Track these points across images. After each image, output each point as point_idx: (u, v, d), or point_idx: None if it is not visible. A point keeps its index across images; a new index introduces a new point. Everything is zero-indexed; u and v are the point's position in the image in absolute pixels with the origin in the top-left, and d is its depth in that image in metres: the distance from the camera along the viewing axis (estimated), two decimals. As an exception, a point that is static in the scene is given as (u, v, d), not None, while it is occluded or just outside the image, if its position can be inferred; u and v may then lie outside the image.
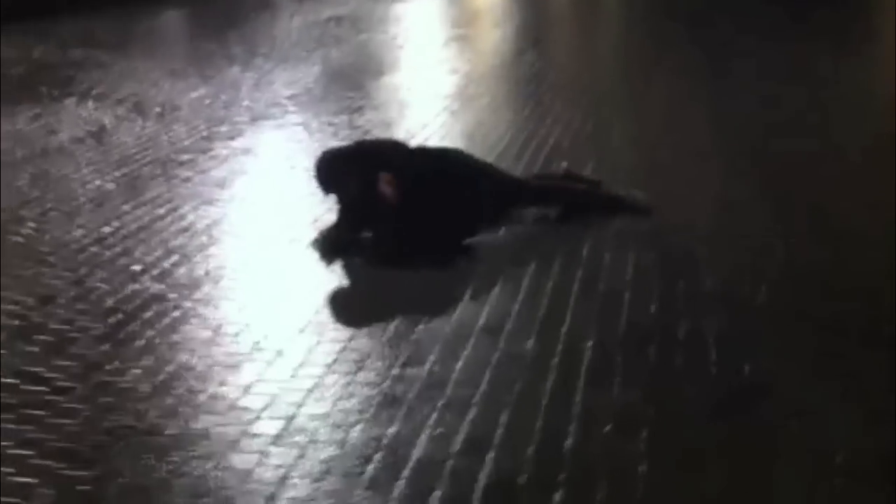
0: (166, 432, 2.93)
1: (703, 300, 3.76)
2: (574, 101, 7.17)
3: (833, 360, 3.30)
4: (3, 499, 2.61)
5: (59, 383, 3.23)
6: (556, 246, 4.33)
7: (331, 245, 4.37)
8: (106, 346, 3.50)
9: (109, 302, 3.87)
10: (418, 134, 6.38)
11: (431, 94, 7.73)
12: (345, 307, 3.81)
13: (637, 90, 7.65)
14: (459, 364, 3.32)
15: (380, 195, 4.29)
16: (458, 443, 2.85)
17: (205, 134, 6.54)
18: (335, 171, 4.56)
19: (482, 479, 2.67)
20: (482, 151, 5.83)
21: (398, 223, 4.30)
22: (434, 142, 6.12)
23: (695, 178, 5.26)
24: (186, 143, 6.30)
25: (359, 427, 2.94)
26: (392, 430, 2.92)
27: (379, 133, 6.40)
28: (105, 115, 7.13)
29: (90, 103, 7.54)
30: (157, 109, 7.25)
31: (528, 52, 9.42)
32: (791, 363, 3.28)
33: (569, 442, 2.85)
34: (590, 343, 3.43)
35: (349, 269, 4.18)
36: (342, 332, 3.57)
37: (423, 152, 4.99)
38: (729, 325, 3.54)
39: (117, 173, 5.65)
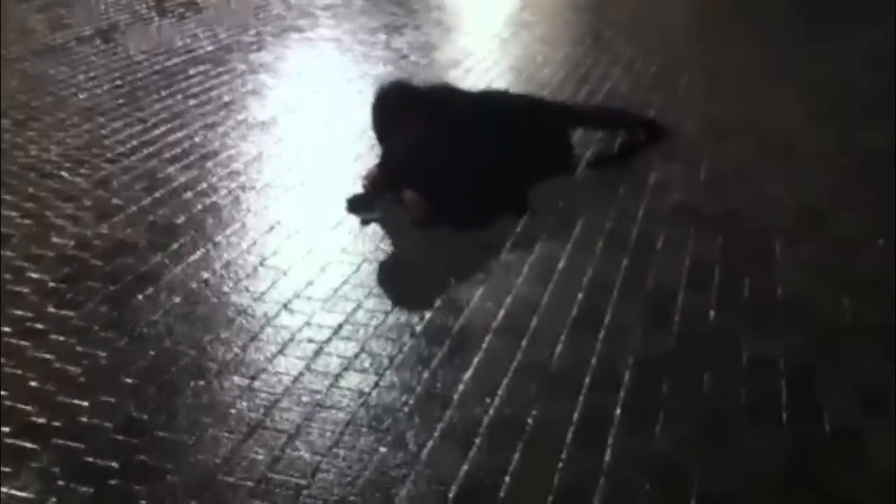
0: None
1: (776, 311, 3.08)
2: (639, 38, 6.38)
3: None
4: None
5: (-19, 354, 2.67)
6: (601, 222, 3.65)
7: (363, 200, 3.75)
8: (49, 306, 2.92)
9: (69, 247, 3.28)
10: (461, 62, 5.68)
11: (481, 17, 6.98)
12: (340, 280, 3.18)
13: (711, 33, 6.82)
14: (467, 374, 2.69)
15: (406, 208, 3.64)
16: (453, 490, 2.25)
17: (224, 42, 5.89)
18: (395, 110, 3.86)
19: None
20: (530, 88, 5.15)
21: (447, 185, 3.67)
22: (477, 73, 5.43)
23: (773, 146, 4.51)
24: (202, 51, 5.65)
25: (331, 458, 2.34)
26: (374, 461, 2.32)
27: (416, 58, 5.71)
28: (121, 11, 6.50)
29: (109, -4, 6.90)
30: (179, 9, 6.59)
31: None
32: (887, 409, 2.61)
33: (596, 501, 2.23)
34: (630, 360, 2.79)
35: (360, 230, 3.54)
36: (334, 313, 2.96)
37: (478, 99, 4.21)
38: (806, 349, 2.87)
39: (117, 81, 5.03)
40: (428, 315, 2.97)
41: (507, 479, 2.29)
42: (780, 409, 2.59)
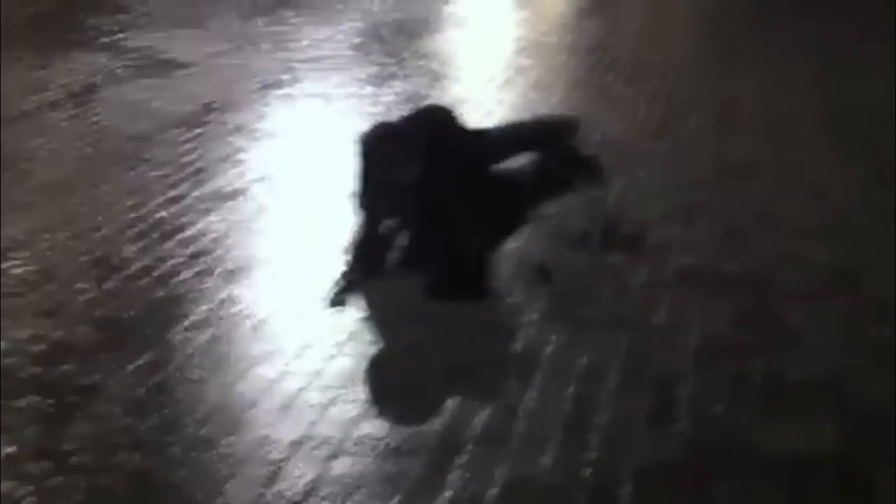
0: None
1: (797, 400, 2.73)
2: (639, 82, 6.05)
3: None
4: None
5: None
6: (591, 300, 3.31)
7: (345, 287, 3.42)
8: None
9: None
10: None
11: (475, 62, 6.68)
12: (303, 382, 2.85)
13: (717, 74, 6.45)
14: (447, 494, 2.35)
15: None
16: None
17: (202, 101, 5.59)
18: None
19: None
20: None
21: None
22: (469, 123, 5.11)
23: (790, 201, 4.16)
24: (178, 114, 5.36)
25: None
26: None
27: (405, 111, 5.39)
28: (100, 71, 6.21)
29: (89, 55, 6.63)
30: (160, 68, 6.31)
31: (593, 17, 8.14)
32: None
33: None
34: (630, 471, 2.44)
35: (333, 320, 3.22)
36: (294, 424, 2.62)
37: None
38: (837, 448, 2.51)
39: (86, 151, 4.75)
40: (400, 426, 2.63)
41: None
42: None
